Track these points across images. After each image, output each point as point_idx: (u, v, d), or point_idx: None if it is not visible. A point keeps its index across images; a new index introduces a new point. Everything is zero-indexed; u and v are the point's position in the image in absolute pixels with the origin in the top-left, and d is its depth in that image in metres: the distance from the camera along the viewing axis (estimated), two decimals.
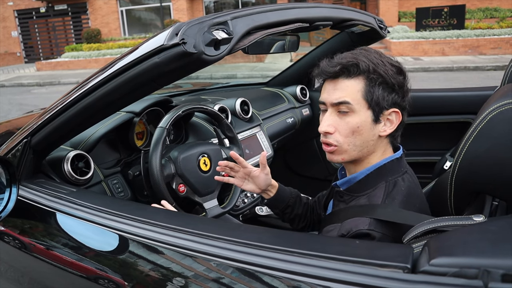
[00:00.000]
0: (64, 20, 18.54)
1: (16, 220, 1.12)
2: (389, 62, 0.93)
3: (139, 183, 1.35)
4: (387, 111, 0.92)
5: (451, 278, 0.50)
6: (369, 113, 0.92)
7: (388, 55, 0.96)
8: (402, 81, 0.93)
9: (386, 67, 0.91)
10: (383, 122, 0.94)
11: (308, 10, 1.09)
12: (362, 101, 0.91)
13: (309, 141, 2.31)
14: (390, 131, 0.94)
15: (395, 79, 0.91)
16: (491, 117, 0.75)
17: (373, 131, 0.93)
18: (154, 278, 0.79)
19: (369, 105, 0.91)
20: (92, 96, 0.95)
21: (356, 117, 0.92)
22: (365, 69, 0.90)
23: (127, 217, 0.88)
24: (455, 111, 1.84)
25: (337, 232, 0.90)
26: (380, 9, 14.59)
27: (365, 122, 0.92)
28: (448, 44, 10.92)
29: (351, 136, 0.93)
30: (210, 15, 0.83)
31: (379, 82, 0.90)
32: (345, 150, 0.94)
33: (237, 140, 1.45)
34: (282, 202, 1.19)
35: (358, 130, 0.92)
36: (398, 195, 0.90)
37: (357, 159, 0.96)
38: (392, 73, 0.91)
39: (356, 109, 0.91)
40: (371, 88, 0.91)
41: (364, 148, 0.94)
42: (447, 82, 7.61)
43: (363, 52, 0.94)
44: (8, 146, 1.16)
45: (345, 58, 0.92)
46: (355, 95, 0.91)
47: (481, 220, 0.65)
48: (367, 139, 0.93)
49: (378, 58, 0.92)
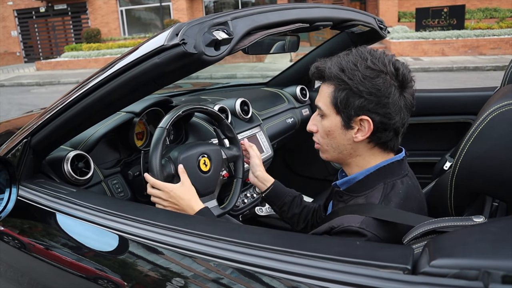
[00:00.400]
0: (64, 20, 18.54)
1: (16, 220, 1.12)
2: (366, 65, 0.88)
3: (139, 183, 1.35)
4: (356, 117, 0.91)
5: (451, 280, 0.50)
6: (339, 118, 0.94)
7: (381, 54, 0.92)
8: (378, 85, 0.87)
9: (357, 71, 0.88)
10: (356, 128, 0.92)
11: (308, 11, 1.09)
12: (331, 106, 0.94)
13: (309, 141, 2.29)
14: (362, 138, 0.92)
15: (364, 84, 0.87)
16: (491, 118, 0.75)
17: (345, 135, 0.95)
18: (154, 278, 0.79)
19: (337, 111, 0.93)
20: (92, 96, 0.95)
21: (327, 121, 0.96)
22: (329, 75, 0.93)
23: (127, 217, 0.88)
24: (455, 112, 1.84)
25: (328, 225, 0.89)
26: (380, 9, 14.60)
27: (335, 127, 0.95)
28: (448, 44, 10.93)
29: (326, 138, 0.98)
30: (210, 16, 0.83)
31: (342, 88, 0.91)
32: (325, 150, 1.00)
33: (237, 141, 1.45)
34: (277, 198, 1.24)
35: (330, 133, 0.96)
36: (395, 198, 0.90)
37: (341, 160, 1.00)
38: (362, 78, 0.87)
39: (326, 114, 0.95)
40: (336, 94, 0.92)
41: (343, 150, 0.97)
42: (446, 83, 7.61)
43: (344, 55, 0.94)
44: (8, 146, 1.16)
45: (319, 63, 0.96)
46: (325, 99, 0.95)
47: (481, 221, 0.65)
48: (341, 143, 0.96)
49: (351, 62, 0.90)
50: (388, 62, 0.89)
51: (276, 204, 1.27)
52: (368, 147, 0.95)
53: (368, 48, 0.94)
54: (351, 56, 0.92)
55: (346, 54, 0.94)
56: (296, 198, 1.27)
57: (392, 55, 0.93)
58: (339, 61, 0.93)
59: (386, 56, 0.91)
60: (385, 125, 0.90)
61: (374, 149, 0.96)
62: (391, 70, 0.88)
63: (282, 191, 1.27)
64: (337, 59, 0.94)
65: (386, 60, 0.90)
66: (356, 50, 0.94)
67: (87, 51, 14.56)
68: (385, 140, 0.93)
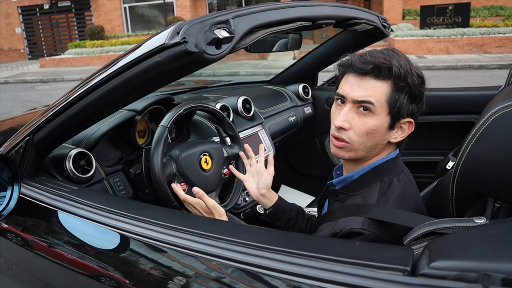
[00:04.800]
0: (68, 17, 18.59)
1: (18, 218, 1.12)
2: (416, 71, 0.91)
3: (140, 181, 1.35)
4: (404, 120, 0.92)
5: (451, 282, 0.50)
6: (388, 118, 0.91)
7: (412, 62, 0.94)
8: (423, 92, 0.93)
9: (414, 76, 0.90)
10: (396, 129, 0.93)
11: (311, 9, 1.08)
12: (385, 105, 0.90)
13: (311, 139, 2.31)
14: (401, 138, 0.94)
15: (419, 89, 0.91)
16: (494, 118, 0.75)
17: (385, 136, 0.93)
18: (155, 276, 0.79)
19: (390, 111, 0.90)
20: (94, 94, 0.95)
21: (375, 119, 0.90)
22: (396, 74, 0.88)
23: (128, 216, 0.88)
24: (458, 111, 1.83)
25: (330, 230, 0.90)
26: (384, 7, 14.53)
27: (381, 126, 0.91)
28: (453, 42, 10.86)
29: (364, 137, 0.92)
30: (211, 14, 0.83)
31: (406, 91, 0.89)
32: (355, 149, 0.93)
33: (238, 139, 1.45)
34: (283, 213, 1.16)
35: (373, 132, 0.91)
36: (393, 195, 0.90)
37: (362, 159, 0.96)
38: (418, 83, 0.90)
39: (377, 112, 0.90)
40: (396, 95, 0.89)
41: (373, 150, 0.94)
42: (451, 81, 7.57)
43: (394, 55, 0.91)
44: (10, 143, 1.17)
45: (378, 58, 0.90)
46: (380, 97, 0.89)
47: (482, 222, 0.65)
48: (378, 142, 0.93)
49: (408, 65, 0.90)
50: (420, 70, 0.94)
51: (281, 220, 1.17)
52: (392, 147, 0.97)
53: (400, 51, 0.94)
54: (401, 58, 0.90)
55: (395, 53, 0.92)
56: (300, 212, 1.20)
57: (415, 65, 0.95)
58: (398, 60, 0.89)
59: (416, 64, 0.95)
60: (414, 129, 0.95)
61: (392, 150, 0.97)
62: (425, 78, 0.93)
63: (287, 206, 1.18)
64: (395, 58, 0.90)
65: (419, 68, 0.94)
66: (396, 51, 0.93)
67: (91, 48, 14.59)
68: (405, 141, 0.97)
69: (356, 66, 0.90)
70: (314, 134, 2.26)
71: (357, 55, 0.92)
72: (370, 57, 0.90)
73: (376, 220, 0.84)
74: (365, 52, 0.93)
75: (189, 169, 1.27)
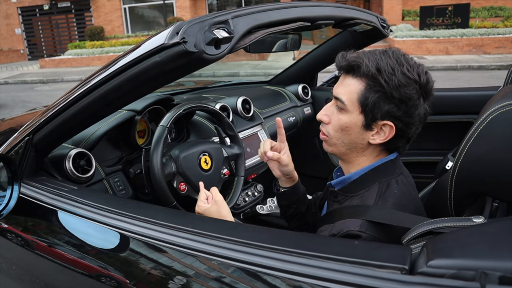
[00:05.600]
0: (68, 18, 18.60)
1: (18, 218, 1.13)
2: (403, 72, 0.86)
3: (140, 181, 1.35)
4: (380, 121, 0.89)
5: (448, 280, 0.50)
6: (361, 117, 0.90)
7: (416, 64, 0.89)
8: (409, 95, 0.86)
9: (394, 76, 0.86)
10: (376, 130, 0.91)
11: (310, 9, 1.09)
12: (356, 104, 0.90)
13: (311, 140, 2.31)
14: (381, 141, 0.91)
15: (398, 91, 0.86)
16: (491, 118, 0.75)
17: (362, 135, 0.92)
18: (155, 276, 0.79)
19: (362, 110, 0.90)
20: (94, 94, 0.96)
21: (347, 116, 0.92)
22: (365, 72, 0.87)
23: (128, 215, 0.88)
24: (457, 111, 1.83)
25: (328, 232, 0.90)
26: (384, 8, 14.54)
27: (354, 125, 0.91)
28: (452, 43, 10.87)
29: (340, 132, 0.94)
30: (211, 14, 0.83)
31: (376, 90, 0.87)
32: (333, 143, 0.96)
33: (238, 139, 1.45)
34: (295, 196, 1.20)
35: (346, 129, 0.93)
36: (391, 197, 0.90)
37: (345, 156, 0.97)
38: (398, 84, 0.85)
39: (349, 109, 0.91)
40: (367, 93, 0.88)
41: (353, 147, 0.95)
42: (450, 81, 7.57)
43: (379, 55, 0.89)
44: (10, 143, 1.17)
45: (355, 56, 0.90)
46: (351, 95, 0.90)
47: (480, 222, 0.65)
48: (355, 141, 0.93)
49: (390, 65, 0.87)
50: (421, 72, 0.88)
51: (290, 200, 1.20)
52: (378, 149, 0.95)
53: (402, 52, 0.91)
54: (388, 58, 0.88)
55: (382, 53, 0.89)
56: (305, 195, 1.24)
57: (423, 65, 0.91)
58: (376, 60, 0.88)
59: (420, 66, 0.90)
60: (403, 133, 0.91)
61: (381, 151, 0.96)
62: (424, 81, 0.88)
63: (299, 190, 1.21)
64: (374, 56, 0.88)
65: (420, 70, 0.88)
66: (391, 52, 0.90)
67: (91, 49, 14.59)
68: (396, 145, 0.94)
69: (337, 63, 0.94)
70: (314, 134, 2.26)
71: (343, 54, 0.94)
72: (350, 55, 0.91)
73: (374, 222, 0.84)
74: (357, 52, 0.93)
75: (188, 169, 1.27)
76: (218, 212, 1.03)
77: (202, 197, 1.08)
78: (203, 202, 1.07)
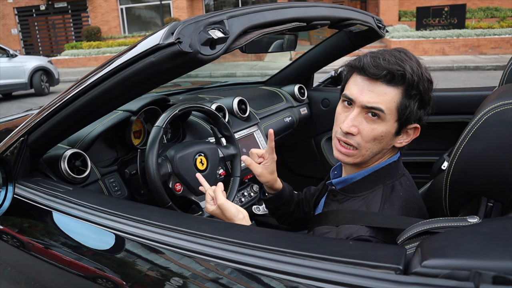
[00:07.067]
0: (64, 18, 18.52)
1: (12, 219, 1.12)
2: (426, 76, 0.88)
3: (135, 182, 1.35)
4: (411, 125, 0.90)
5: (442, 280, 0.50)
6: (396, 124, 0.89)
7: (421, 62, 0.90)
8: (432, 97, 0.90)
9: (425, 82, 0.87)
10: (402, 134, 0.92)
11: (306, 10, 1.09)
12: (395, 112, 0.87)
13: (307, 140, 2.31)
14: (406, 143, 0.93)
15: (428, 95, 0.88)
16: (486, 118, 0.75)
17: (391, 141, 0.92)
18: (151, 277, 0.79)
19: (399, 118, 0.88)
20: (89, 94, 0.95)
21: (383, 125, 0.88)
22: (410, 81, 0.85)
23: (122, 216, 0.88)
24: (453, 111, 1.83)
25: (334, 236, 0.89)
26: (381, 8, 14.57)
27: (389, 133, 0.89)
28: (449, 43, 10.92)
29: (371, 142, 0.89)
30: (206, 14, 0.83)
31: (417, 98, 0.87)
32: (362, 154, 0.91)
33: (234, 139, 1.45)
34: (280, 200, 1.19)
35: (380, 138, 0.89)
36: (397, 201, 0.90)
37: (365, 162, 0.95)
38: (428, 89, 0.88)
39: (386, 118, 0.87)
40: (407, 102, 0.86)
41: (378, 154, 0.93)
42: (447, 82, 7.60)
43: (407, 60, 0.87)
44: (5, 144, 1.16)
45: (391, 62, 0.85)
46: (390, 104, 0.86)
47: (475, 222, 0.65)
48: (384, 148, 0.92)
49: (419, 70, 0.87)
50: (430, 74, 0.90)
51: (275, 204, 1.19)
52: (396, 150, 0.95)
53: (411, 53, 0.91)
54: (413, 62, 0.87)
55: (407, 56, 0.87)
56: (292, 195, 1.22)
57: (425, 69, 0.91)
58: (411, 66, 0.85)
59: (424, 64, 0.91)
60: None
61: (392, 151, 0.96)
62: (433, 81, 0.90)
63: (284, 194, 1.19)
64: (408, 63, 0.86)
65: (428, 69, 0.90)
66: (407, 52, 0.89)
67: (87, 49, 14.56)
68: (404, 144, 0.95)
69: (369, 71, 0.86)
70: (310, 134, 2.26)
71: (370, 58, 0.88)
72: (384, 61, 0.85)
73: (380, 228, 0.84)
74: (377, 54, 0.88)
75: (184, 169, 1.27)
76: (223, 215, 0.99)
77: (208, 198, 1.03)
78: (209, 204, 1.02)
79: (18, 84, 8.93)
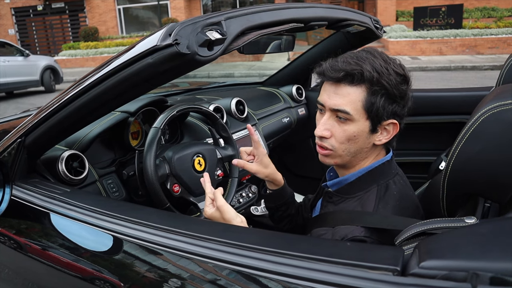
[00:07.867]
0: (62, 18, 18.48)
1: (10, 220, 1.12)
2: (394, 70, 0.88)
3: (133, 183, 1.35)
4: (385, 122, 0.91)
5: (440, 281, 0.50)
6: (368, 123, 0.90)
7: (393, 58, 0.92)
8: (405, 90, 0.90)
9: (391, 76, 0.87)
10: (380, 131, 0.92)
11: (303, 10, 1.09)
12: (362, 111, 0.88)
13: (305, 140, 2.31)
14: (386, 140, 0.93)
15: (398, 89, 0.88)
16: (483, 118, 0.75)
17: (368, 139, 0.92)
18: (149, 278, 0.79)
19: (368, 115, 0.89)
20: (87, 95, 0.95)
21: (353, 126, 0.90)
22: (369, 78, 0.86)
23: (121, 217, 0.88)
24: (451, 111, 1.84)
25: (331, 237, 0.90)
26: (378, 8, 14.61)
27: (362, 132, 0.90)
28: (446, 43, 10.95)
29: (346, 143, 0.91)
30: (203, 16, 0.83)
31: (381, 94, 0.87)
32: (339, 155, 0.94)
33: (232, 140, 1.45)
34: (282, 198, 1.19)
35: (354, 138, 0.91)
36: (391, 200, 0.90)
37: (349, 164, 0.96)
38: (396, 83, 0.88)
39: (355, 118, 0.89)
40: (372, 99, 0.87)
41: (358, 154, 0.94)
42: (444, 82, 7.62)
43: (369, 57, 0.89)
44: (2, 145, 1.16)
45: (350, 64, 0.88)
46: (355, 104, 0.88)
47: (473, 222, 0.65)
48: (362, 147, 0.93)
49: (383, 66, 0.88)
50: (403, 67, 0.91)
51: (276, 203, 1.19)
52: (379, 148, 0.96)
53: (380, 50, 0.92)
54: (376, 59, 0.88)
55: (369, 55, 0.89)
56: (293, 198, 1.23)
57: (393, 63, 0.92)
58: (371, 63, 0.87)
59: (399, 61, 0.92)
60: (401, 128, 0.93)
61: (380, 151, 0.96)
62: (407, 74, 0.91)
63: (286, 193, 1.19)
64: (368, 61, 0.87)
65: (400, 65, 0.91)
66: (374, 52, 0.90)
67: (85, 50, 14.54)
68: (392, 142, 0.96)
69: (328, 75, 0.90)
70: (308, 135, 2.26)
71: (329, 63, 0.91)
72: (342, 63, 0.89)
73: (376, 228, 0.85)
74: (339, 57, 0.91)
75: (182, 171, 1.27)
76: (221, 218, 0.98)
77: (208, 201, 1.03)
78: (208, 207, 1.02)
79: (31, 81, 9.72)
